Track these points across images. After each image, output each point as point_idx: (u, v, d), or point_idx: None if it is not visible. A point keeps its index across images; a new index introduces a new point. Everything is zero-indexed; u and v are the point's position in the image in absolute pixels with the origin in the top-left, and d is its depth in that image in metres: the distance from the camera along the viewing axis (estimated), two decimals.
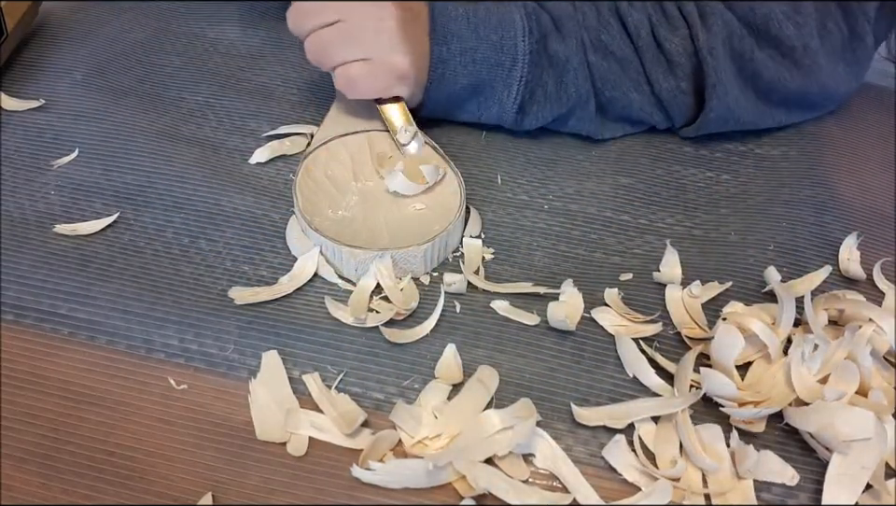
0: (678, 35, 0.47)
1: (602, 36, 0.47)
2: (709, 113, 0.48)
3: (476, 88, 0.47)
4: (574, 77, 0.47)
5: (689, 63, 0.47)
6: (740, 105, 0.48)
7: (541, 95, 0.48)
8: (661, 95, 0.49)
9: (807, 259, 0.44)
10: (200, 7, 0.61)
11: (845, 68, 0.49)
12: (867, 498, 0.33)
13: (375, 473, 0.32)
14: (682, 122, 0.51)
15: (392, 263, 0.40)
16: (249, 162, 0.48)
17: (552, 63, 0.47)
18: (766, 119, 0.51)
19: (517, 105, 0.48)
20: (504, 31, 0.46)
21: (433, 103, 0.48)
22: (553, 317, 0.39)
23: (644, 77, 0.48)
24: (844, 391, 0.35)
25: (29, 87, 0.52)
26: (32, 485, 0.32)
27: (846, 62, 0.49)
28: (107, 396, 0.36)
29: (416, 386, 0.37)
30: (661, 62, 0.48)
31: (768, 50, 0.47)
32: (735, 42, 0.47)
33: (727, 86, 0.47)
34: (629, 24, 0.47)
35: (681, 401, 0.35)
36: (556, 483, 0.33)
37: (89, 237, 0.43)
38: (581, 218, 0.46)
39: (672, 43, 0.47)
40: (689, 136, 0.51)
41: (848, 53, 0.49)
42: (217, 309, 0.39)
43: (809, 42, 0.47)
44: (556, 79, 0.47)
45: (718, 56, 0.46)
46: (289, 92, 0.54)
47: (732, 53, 0.47)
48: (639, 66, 0.48)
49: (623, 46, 0.47)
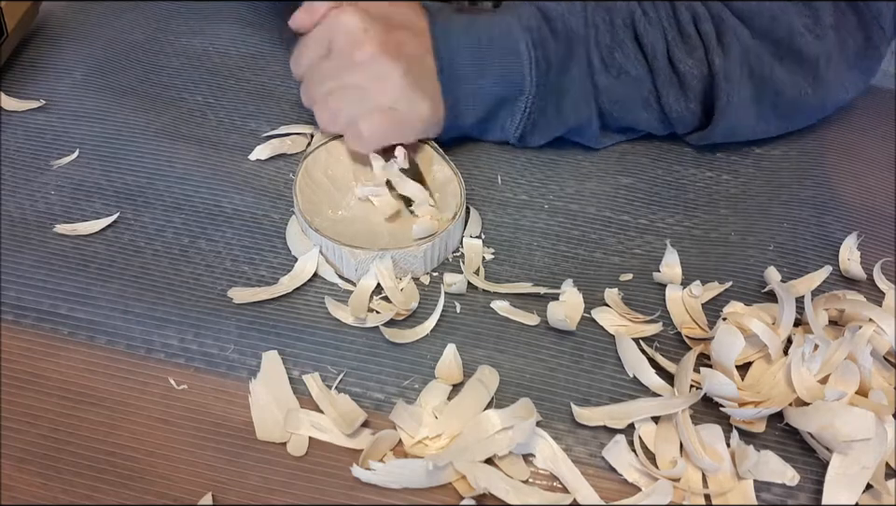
0: (693, 56, 0.46)
1: (616, 55, 0.46)
2: (715, 129, 0.48)
3: (484, 120, 0.47)
4: (573, 104, 0.47)
5: (701, 85, 0.47)
6: (746, 124, 0.48)
7: (542, 124, 0.48)
8: (670, 116, 0.48)
9: (807, 259, 0.44)
10: (200, 7, 0.61)
11: (858, 76, 0.49)
12: (867, 499, 0.33)
13: (375, 473, 0.32)
14: (686, 133, 0.51)
15: (392, 263, 0.40)
16: (249, 159, 0.48)
17: (555, 92, 0.46)
18: (770, 132, 0.50)
19: (519, 133, 0.48)
20: (509, 64, 0.45)
21: (444, 139, 0.47)
22: (553, 317, 0.39)
23: (655, 96, 0.47)
24: (844, 391, 0.35)
25: (29, 87, 0.52)
26: (32, 485, 0.32)
27: (860, 69, 0.49)
28: (107, 396, 0.36)
29: (416, 386, 0.37)
30: (674, 83, 0.47)
31: (788, 66, 0.47)
32: (753, 61, 0.46)
33: (737, 108, 0.47)
34: (645, 44, 0.46)
35: (682, 402, 0.35)
36: (556, 483, 0.33)
37: (89, 237, 0.43)
38: (582, 218, 0.46)
39: (686, 65, 0.46)
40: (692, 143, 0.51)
41: (862, 61, 0.48)
42: (217, 309, 0.39)
43: (833, 53, 0.46)
44: (556, 106, 0.47)
45: (733, 80, 0.46)
46: (289, 92, 0.54)
47: (750, 73, 0.46)
48: (652, 86, 0.47)
49: (637, 65, 0.46)
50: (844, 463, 0.33)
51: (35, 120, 0.50)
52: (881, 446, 0.33)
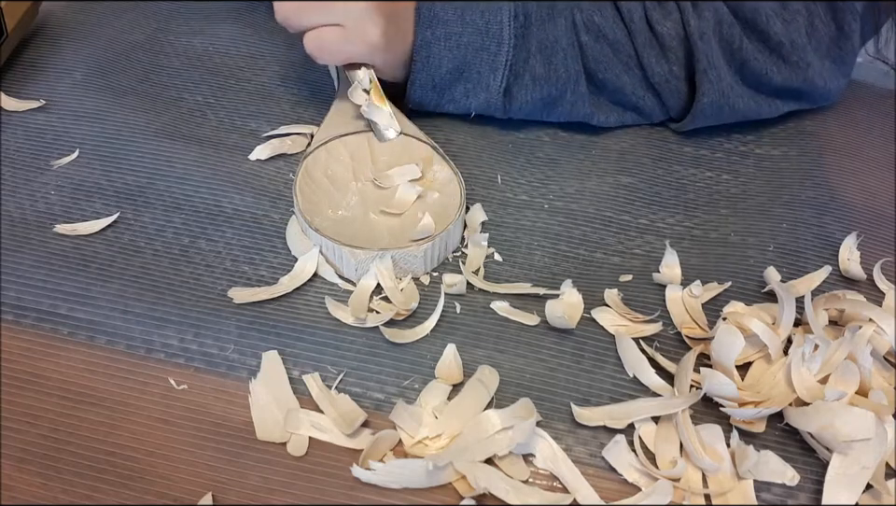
0: (670, 19, 0.47)
1: (595, 18, 0.48)
2: (702, 99, 0.48)
3: (461, 72, 0.48)
4: (563, 58, 0.47)
5: (681, 47, 0.48)
6: (735, 92, 0.49)
7: (529, 79, 0.48)
8: (653, 79, 0.49)
9: (807, 259, 0.44)
10: (200, 7, 0.61)
11: (831, 65, 0.50)
12: (867, 499, 0.33)
13: (375, 473, 0.32)
14: (677, 110, 0.51)
15: (392, 263, 0.40)
16: (249, 159, 0.48)
17: (540, 45, 0.47)
18: (762, 108, 0.51)
19: (503, 89, 0.48)
20: (490, 15, 0.46)
21: (420, 88, 0.48)
22: (552, 315, 0.39)
23: (636, 60, 0.49)
24: (844, 391, 0.35)
25: (29, 87, 0.52)
26: (32, 485, 0.32)
27: (832, 59, 0.49)
28: (107, 396, 0.36)
29: (416, 386, 0.37)
30: (653, 45, 0.48)
31: (756, 44, 0.48)
32: (725, 30, 0.47)
33: (719, 71, 0.47)
34: (622, 7, 0.48)
35: (682, 401, 0.35)
36: (556, 483, 0.33)
37: (89, 237, 0.43)
38: (582, 218, 0.46)
39: (664, 27, 0.47)
40: (686, 129, 0.51)
41: (835, 50, 0.49)
42: (217, 309, 0.39)
43: (797, 38, 0.47)
44: (545, 61, 0.47)
45: (708, 41, 0.47)
46: (289, 92, 0.54)
47: (721, 41, 0.47)
48: (631, 50, 0.48)
49: (615, 28, 0.48)
50: (844, 463, 0.33)
51: (35, 120, 0.50)
52: (881, 446, 0.33)
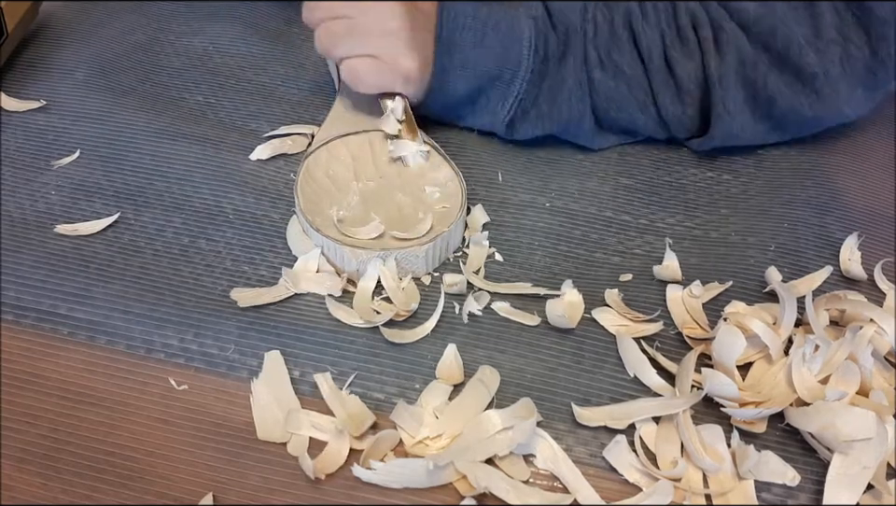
0: (692, 60, 0.46)
1: (613, 54, 0.46)
2: (713, 135, 0.47)
3: (473, 97, 0.47)
4: (568, 99, 0.47)
5: (698, 90, 0.46)
6: (746, 131, 0.47)
7: (534, 114, 0.47)
8: (666, 118, 0.48)
9: (808, 259, 0.44)
10: (200, 7, 0.61)
11: (864, 93, 0.47)
12: (868, 499, 0.32)
13: (376, 473, 0.32)
14: (685, 138, 0.50)
15: (394, 263, 0.40)
16: (250, 159, 0.48)
17: (549, 83, 0.46)
18: (770, 139, 0.50)
19: (508, 119, 0.48)
20: (510, 44, 0.45)
21: (431, 107, 0.48)
22: (552, 314, 0.39)
23: (651, 99, 0.47)
24: (845, 392, 0.35)
25: (29, 87, 0.52)
26: (32, 485, 0.32)
27: (865, 86, 0.46)
28: (107, 396, 0.36)
29: (417, 386, 0.37)
30: (670, 86, 0.47)
31: (786, 78, 0.45)
32: (748, 70, 0.45)
33: (734, 116, 0.46)
34: (641, 44, 0.46)
35: (682, 402, 0.35)
36: (557, 483, 0.33)
37: (89, 237, 0.43)
38: (582, 218, 0.46)
39: (684, 69, 0.46)
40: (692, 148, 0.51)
41: (869, 78, 0.46)
42: (217, 309, 0.39)
43: (830, 69, 0.45)
44: (550, 100, 0.47)
45: (727, 86, 0.45)
46: (289, 92, 0.54)
47: (744, 81, 0.46)
48: (648, 88, 0.47)
49: (633, 65, 0.46)
50: (844, 463, 0.33)
51: (36, 120, 0.50)
52: (882, 446, 0.33)
